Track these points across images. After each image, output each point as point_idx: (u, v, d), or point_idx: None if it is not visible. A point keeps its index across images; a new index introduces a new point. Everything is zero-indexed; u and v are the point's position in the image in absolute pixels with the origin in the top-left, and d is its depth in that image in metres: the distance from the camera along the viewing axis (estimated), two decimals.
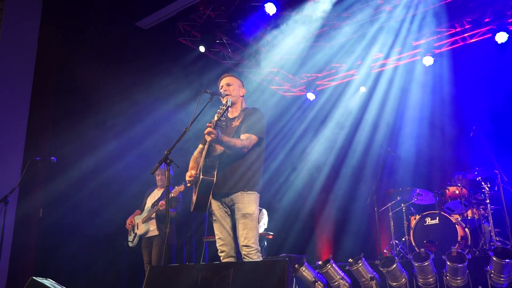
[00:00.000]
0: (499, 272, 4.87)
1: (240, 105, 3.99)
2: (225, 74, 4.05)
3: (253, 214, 3.64)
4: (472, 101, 7.98)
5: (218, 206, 3.77)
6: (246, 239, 3.57)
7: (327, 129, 9.74)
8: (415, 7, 7.80)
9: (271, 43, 8.59)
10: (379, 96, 9.13)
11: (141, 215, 6.06)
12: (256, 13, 7.56)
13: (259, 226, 6.94)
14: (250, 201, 3.67)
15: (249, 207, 3.65)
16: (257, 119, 3.82)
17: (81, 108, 6.94)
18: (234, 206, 3.68)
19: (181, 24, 8.27)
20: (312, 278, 5.59)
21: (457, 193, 6.63)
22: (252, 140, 3.73)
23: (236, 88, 3.95)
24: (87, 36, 7.15)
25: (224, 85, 3.94)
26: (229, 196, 3.71)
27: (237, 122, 3.85)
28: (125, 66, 7.38)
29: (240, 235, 3.62)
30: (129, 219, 6.09)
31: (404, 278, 5.35)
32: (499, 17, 7.51)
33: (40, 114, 6.84)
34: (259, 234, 3.69)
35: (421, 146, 8.43)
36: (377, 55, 9.00)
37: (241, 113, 3.93)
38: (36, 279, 3.59)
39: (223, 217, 3.76)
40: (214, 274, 2.66)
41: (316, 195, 10.09)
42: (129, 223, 6.08)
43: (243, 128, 3.78)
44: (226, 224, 3.75)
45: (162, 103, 7.69)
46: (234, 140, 3.65)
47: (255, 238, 3.60)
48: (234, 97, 3.91)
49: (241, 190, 3.67)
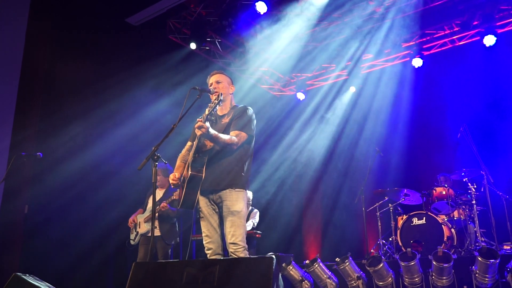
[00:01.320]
0: (484, 272, 4.92)
1: (230, 102, 3.98)
2: (214, 72, 4.02)
3: (241, 212, 3.63)
4: (460, 103, 8.05)
5: (205, 203, 3.76)
6: (234, 236, 3.56)
7: (315, 129, 9.77)
8: (405, 9, 7.84)
9: (262, 42, 8.58)
10: (368, 96, 9.18)
11: (143, 214, 6.07)
12: (247, 11, 7.56)
13: (247, 224, 6.96)
14: (238, 198, 3.66)
15: (237, 204, 3.64)
16: (247, 117, 3.81)
17: (69, 104, 6.86)
18: (222, 203, 3.67)
19: (172, 21, 8.23)
20: (299, 277, 5.60)
21: (444, 193, 6.70)
22: (242, 137, 3.72)
23: (226, 86, 3.94)
24: (76, 32, 7.07)
25: (214, 83, 3.92)
26: (217, 193, 3.69)
27: (227, 119, 3.84)
28: (114, 62, 7.32)
29: (227, 232, 3.61)
30: (132, 218, 6.08)
31: (391, 277, 5.38)
32: (487, 20, 7.58)
33: (27, 110, 6.76)
34: (246, 232, 3.66)
35: (409, 146, 8.49)
36: (366, 56, 9.04)
37: (231, 110, 3.92)
38: (19, 275, 3.55)
39: (210, 214, 3.75)
40: (200, 270, 2.65)
41: (304, 195, 10.12)
42: (131, 222, 6.07)
43: (233, 125, 3.77)
44: (213, 222, 3.74)
45: (151, 100, 7.65)
46: (224, 136, 3.63)
47: (242, 235, 3.58)
48: (223, 95, 3.90)
49: (229, 187, 3.66)
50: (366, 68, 9.28)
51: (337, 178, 9.52)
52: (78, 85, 6.96)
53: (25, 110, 6.72)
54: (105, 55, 7.29)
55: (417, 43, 8.57)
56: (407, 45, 8.65)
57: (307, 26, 8.20)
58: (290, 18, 7.98)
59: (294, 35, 8.32)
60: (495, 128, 7.83)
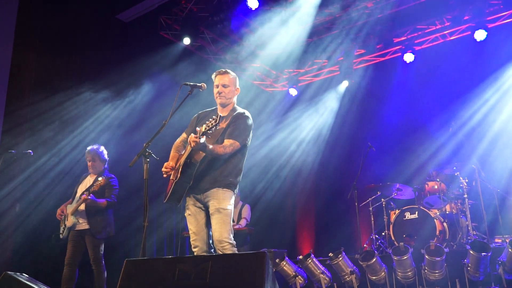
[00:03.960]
0: (476, 265, 4.96)
1: (232, 105, 3.91)
2: (222, 71, 3.89)
3: (227, 209, 3.62)
4: (452, 97, 8.09)
5: (193, 202, 3.76)
6: (220, 234, 3.55)
7: (308, 125, 9.77)
8: (396, 4, 7.85)
9: (254, 38, 8.55)
10: (360, 91, 9.19)
11: (71, 204, 5.37)
12: (238, 7, 7.53)
13: (240, 222, 6.96)
14: (225, 197, 3.65)
15: (224, 202, 3.63)
16: (244, 127, 3.75)
17: (60, 102, 6.81)
18: (209, 202, 3.66)
19: (163, 18, 8.18)
20: (292, 273, 5.62)
21: (436, 188, 6.73)
22: (235, 147, 3.67)
23: (232, 90, 3.85)
24: (66, 28, 7.01)
25: (220, 85, 3.82)
26: (204, 193, 3.69)
27: (224, 124, 3.76)
28: (105, 59, 7.26)
29: (213, 230, 3.61)
30: (60, 209, 5.39)
31: (384, 272, 5.41)
32: (478, 15, 7.61)
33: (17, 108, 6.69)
34: (232, 229, 3.65)
35: (401, 141, 8.52)
36: (358, 52, 9.05)
37: (231, 113, 3.85)
38: (9, 273, 3.51)
39: (197, 211, 3.75)
40: (192, 267, 2.64)
41: (297, 190, 10.13)
42: (59, 213, 5.37)
43: (229, 132, 3.71)
44: (200, 219, 3.73)
45: (143, 97, 7.62)
46: (218, 149, 3.57)
47: (228, 232, 3.57)
48: (229, 101, 3.85)
49: (217, 186, 3.66)
50: (358, 64, 9.29)
51: (329, 173, 9.54)
52: (69, 82, 6.90)
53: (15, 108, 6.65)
54: (96, 52, 7.22)
55: (408, 38, 8.59)
56: (399, 40, 8.67)
57: (299, 21, 8.18)
58: (282, 14, 7.96)
59: (286, 30, 8.31)
60: (486, 122, 7.88)
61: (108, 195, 5.36)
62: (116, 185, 5.48)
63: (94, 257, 5.25)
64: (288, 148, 9.83)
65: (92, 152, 5.47)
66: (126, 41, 7.68)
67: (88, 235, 5.27)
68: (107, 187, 5.36)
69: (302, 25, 8.33)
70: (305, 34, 8.60)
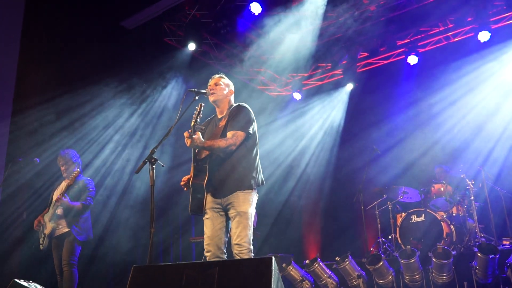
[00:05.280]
0: (484, 267, 4.94)
1: (228, 105, 3.96)
2: (215, 75, 4.04)
3: (248, 213, 3.61)
4: (457, 98, 8.07)
5: (212, 206, 3.73)
6: (239, 237, 3.53)
7: (313, 129, 9.77)
8: (399, 7, 7.86)
9: (257, 43, 8.58)
10: (365, 95, 9.19)
11: (48, 212, 5.29)
12: (241, 13, 7.56)
13: None
14: (245, 200, 3.64)
15: (244, 205, 3.62)
16: (242, 115, 3.78)
17: (65, 109, 6.85)
18: (230, 206, 3.65)
19: (167, 24, 8.22)
20: (299, 277, 5.61)
21: (442, 190, 6.71)
22: (239, 136, 3.68)
23: (222, 88, 3.92)
24: (71, 36, 7.06)
25: (212, 85, 3.94)
26: (225, 197, 3.68)
27: (223, 122, 3.82)
28: (109, 66, 7.31)
29: (233, 233, 3.60)
30: (37, 220, 5.32)
31: (391, 275, 5.39)
32: (481, 16, 7.60)
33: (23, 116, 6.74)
34: (252, 234, 3.64)
35: (407, 144, 8.50)
36: (362, 55, 9.05)
37: (227, 111, 3.91)
38: (17, 281, 3.53)
39: (215, 216, 3.73)
40: (199, 273, 2.64)
41: (303, 195, 10.11)
42: (36, 224, 5.29)
43: (228, 126, 3.75)
44: (217, 224, 3.71)
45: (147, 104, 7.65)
46: (218, 142, 3.60)
47: (248, 237, 3.55)
48: (220, 96, 3.90)
49: (237, 189, 3.65)
50: (362, 67, 9.29)
51: (335, 177, 9.53)
52: (75, 90, 6.94)
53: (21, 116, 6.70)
54: (101, 59, 7.26)
55: (412, 40, 8.58)
56: (402, 43, 8.66)
57: (302, 26, 8.20)
58: (284, 19, 7.98)
59: (289, 35, 8.33)
60: (492, 124, 7.84)
61: (83, 198, 5.28)
62: (92, 187, 5.40)
63: (68, 260, 5.14)
64: (294, 152, 9.82)
65: (64, 155, 5.43)
66: (130, 48, 7.72)
67: (67, 238, 5.18)
68: (82, 190, 5.31)
69: (305, 29, 8.34)
70: (308, 38, 8.62)
